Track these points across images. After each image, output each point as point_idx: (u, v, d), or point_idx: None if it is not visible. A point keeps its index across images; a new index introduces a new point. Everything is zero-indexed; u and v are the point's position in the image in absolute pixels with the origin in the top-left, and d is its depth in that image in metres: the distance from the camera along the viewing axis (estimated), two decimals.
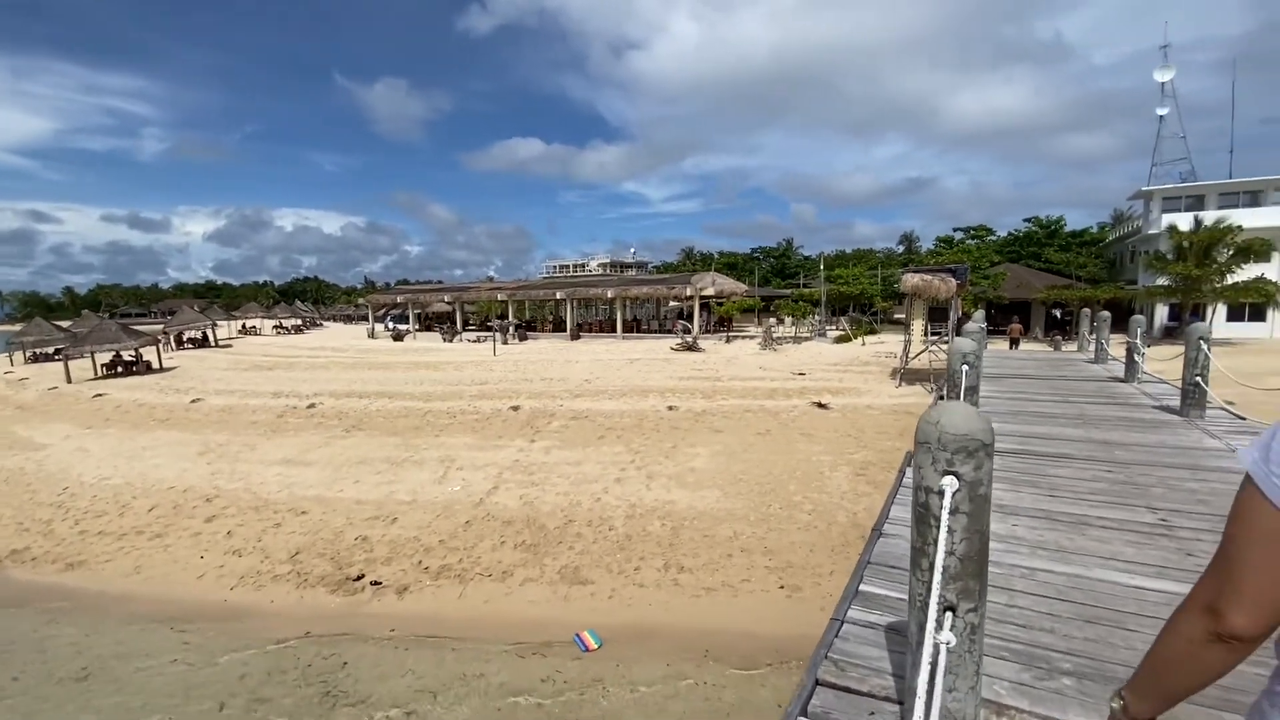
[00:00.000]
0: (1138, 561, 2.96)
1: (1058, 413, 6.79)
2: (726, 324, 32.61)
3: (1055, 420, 6.37)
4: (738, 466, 11.25)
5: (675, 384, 18.28)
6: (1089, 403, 7.39)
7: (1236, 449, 5.11)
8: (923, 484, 1.68)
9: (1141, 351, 8.61)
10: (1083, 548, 3.13)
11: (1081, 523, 3.49)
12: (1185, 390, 6.19)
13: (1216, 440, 5.34)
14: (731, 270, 63.64)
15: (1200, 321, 27.48)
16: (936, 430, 1.63)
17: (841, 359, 24.00)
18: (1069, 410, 6.90)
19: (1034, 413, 6.71)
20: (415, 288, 47.94)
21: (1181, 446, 5.21)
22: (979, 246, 44.51)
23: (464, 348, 31.09)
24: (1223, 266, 25.15)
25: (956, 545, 1.60)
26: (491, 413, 15.49)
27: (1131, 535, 3.32)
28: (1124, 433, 5.67)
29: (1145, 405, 7.02)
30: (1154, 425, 5.99)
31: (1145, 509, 3.78)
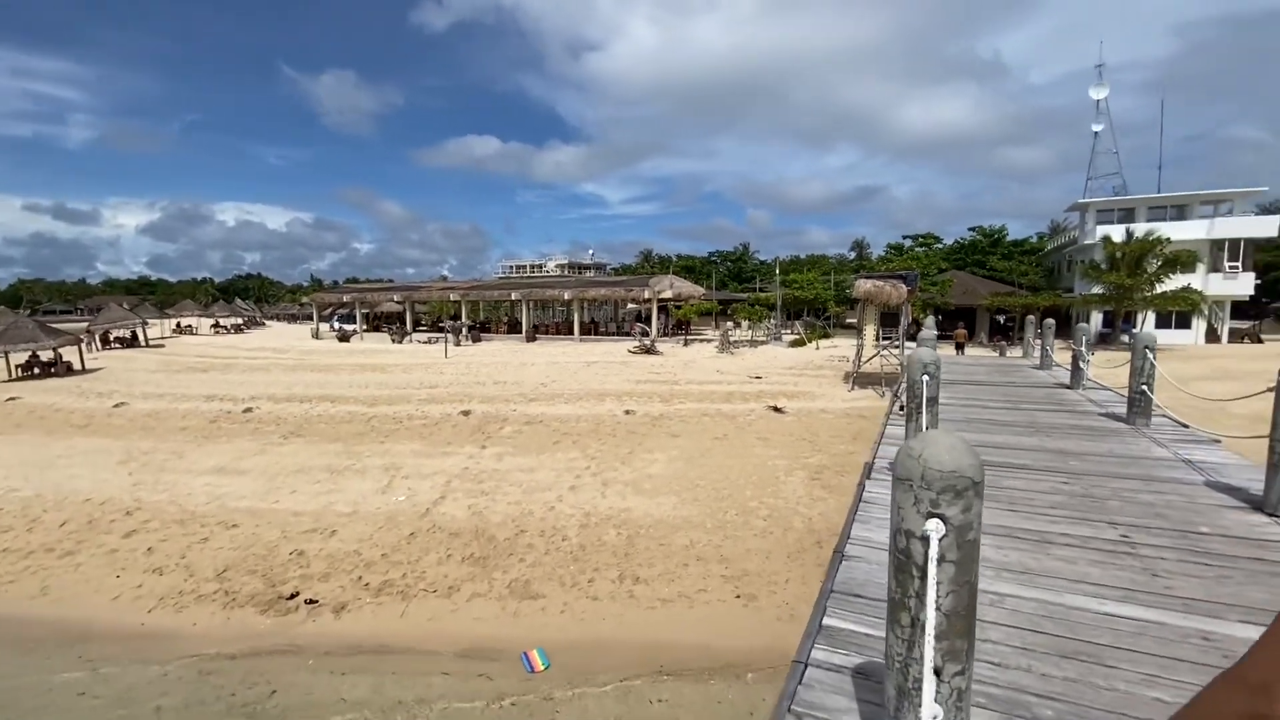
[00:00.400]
0: (1105, 584, 2.87)
1: (1010, 420, 6.84)
2: (684, 327, 32.59)
3: (1008, 428, 6.41)
4: (695, 472, 11.09)
5: (633, 387, 18.05)
6: (1039, 410, 7.50)
7: (1190, 460, 5.18)
8: (903, 526, 1.47)
9: (1087, 359, 8.83)
10: (1049, 569, 3.03)
11: (1045, 540, 3.41)
12: (1132, 398, 6.31)
13: (1165, 449, 5.42)
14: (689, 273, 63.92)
15: (1133, 328, 28.96)
16: (919, 465, 1.42)
17: (796, 363, 24.24)
18: (1020, 418, 6.97)
19: (987, 420, 6.74)
20: (363, 286, 46.30)
21: (1132, 456, 5.26)
22: (927, 254, 45.91)
23: (414, 349, 30.12)
24: (1152, 276, 26.52)
25: (942, 599, 1.39)
26: (441, 418, 14.94)
27: (1095, 554, 3.26)
28: (1076, 441, 5.72)
29: (1092, 413, 7.16)
30: (1103, 433, 6.07)
31: (1106, 524, 3.74)
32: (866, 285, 17.13)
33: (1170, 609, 2.64)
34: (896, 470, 1.47)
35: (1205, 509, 4.02)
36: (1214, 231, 30.09)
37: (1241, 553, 3.27)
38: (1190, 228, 30.36)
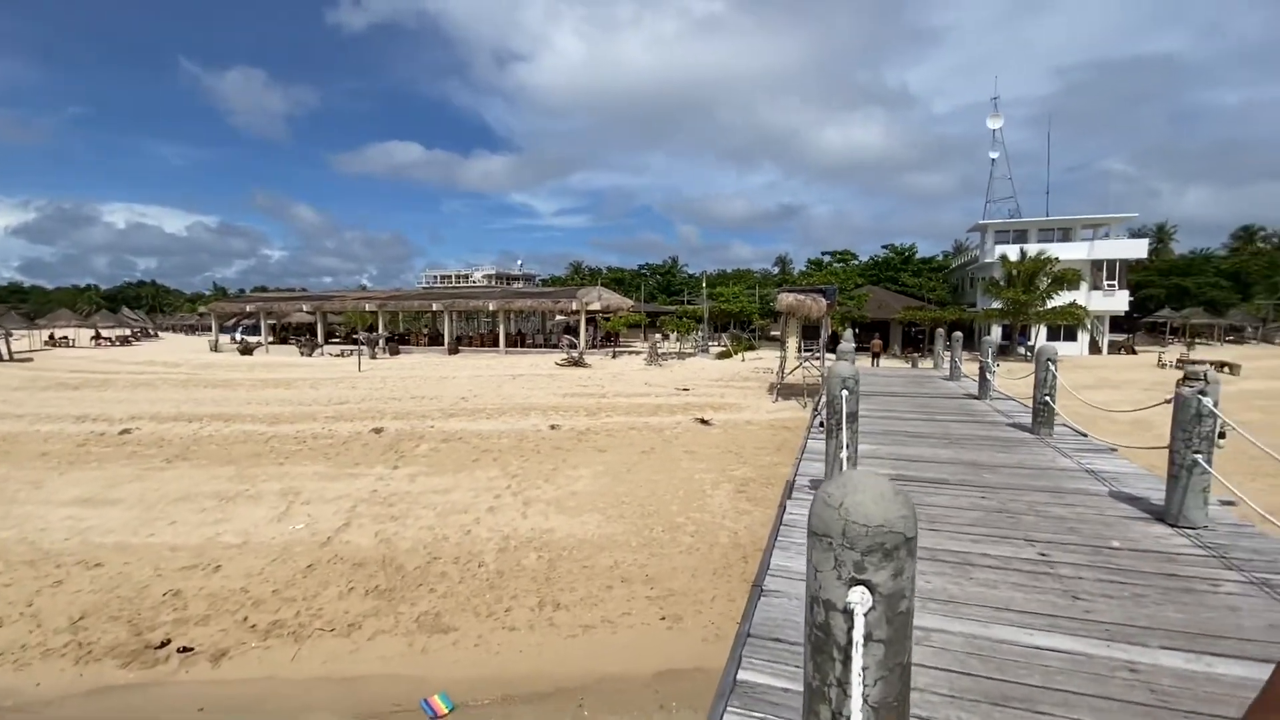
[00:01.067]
0: (1029, 611, 2.81)
1: (925, 432, 6.99)
2: (613, 339, 32.39)
3: (925, 440, 6.52)
4: (621, 488, 10.80)
5: (559, 401, 17.60)
6: (952, 421, 7.73)
7: (1093, 469, 5.36)
8: (820, 595, 1.21)
9: (994, 370, 9.23)
10: (973, 596, 2.94)
11: (967, 562, 3.36)
12: (1036, 409, 6.56)
13: (1069, 459, 5.65)
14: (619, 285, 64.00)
15: (1028, 341, 31.29)
16: (840, 519, 1.17)
17: (723, 374, 24.50)
18: (935, 429, 7.14)
19: (904, 432, 6.85)
20: (270, 295, 43.30)
21: (1040, 467, 5.45)
22: (844, 269, 47.98)
23: (324, 363, 28.33)
24: (1044, 293, 28.72)
25: (870, 689, 1.13)
26: (349, 436, 13.96)
27: (1016, 575, 3.23)
28: (988, 452, 5.86)
29: (1001, 423, 7.44)
30: (1012, 444, 6.27)
31: (1024, 541, 3.76)
32: (788, 299, 17.50)
33: (1094, 636, 2.59)
34: (812, 523, 1.22)
35: (1113, 521, 4.12)
36: (1094, 253, 33.04)
37: (1152, 568, 3.32)
38: (1074, 249, 33.20)
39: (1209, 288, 52.55)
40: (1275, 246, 63.43)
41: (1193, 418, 3.95)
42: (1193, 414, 3.95)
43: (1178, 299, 52.11)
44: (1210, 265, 57.08)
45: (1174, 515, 3.95)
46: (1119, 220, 34.79)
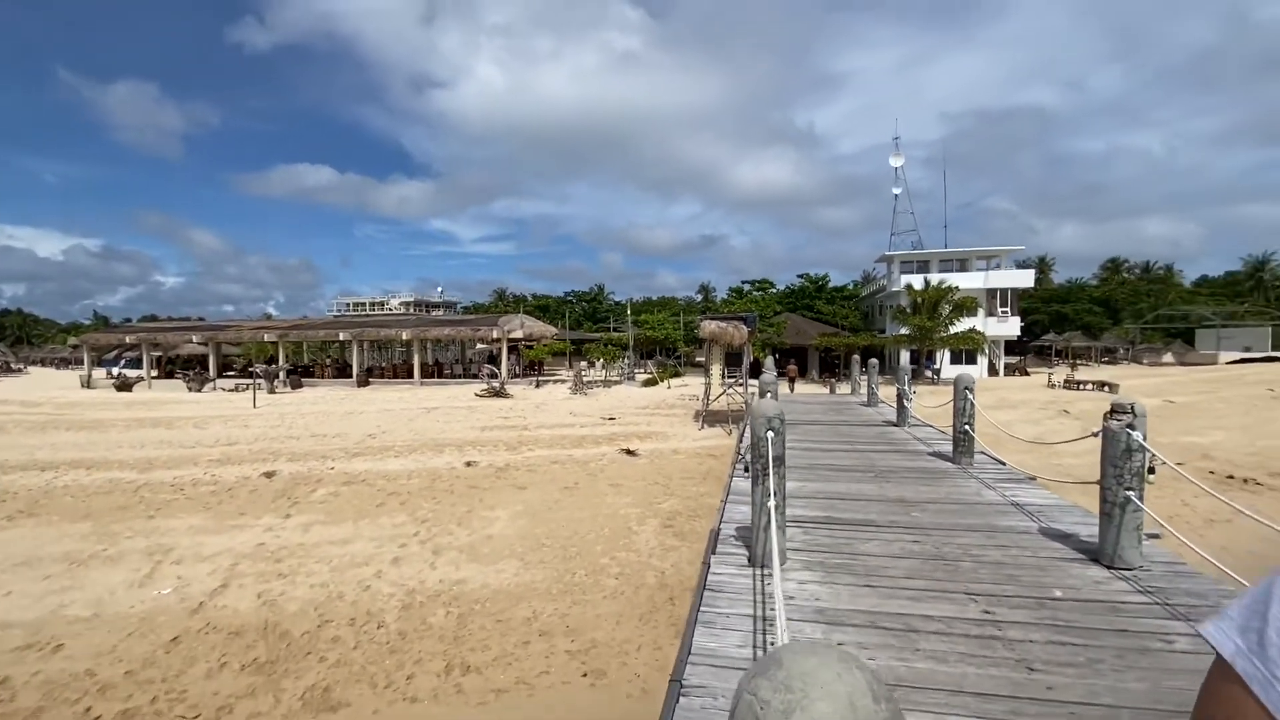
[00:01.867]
0: (987, 692, 2.54)
1: (850, 464, 6.89)
2: (537, 368, 31.54)
3: (850, 474, 6.41)
4: (541, 529, 10.15)
5: (477, 435, 16.70)
6: (874, 451, 7.70)
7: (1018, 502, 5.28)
8: None
9: (910, 398, 9.35)
10: (923, 676, 2.65)
11: (909, 629, 3.09)
12: (956, 438, 6.57)
13: (993, 491, 5.66)
14: (544, 313, 63.12)
15: (934, 365, 33.12)
16: None
17: (649, 402, 24.27)
18: (859, 461, 7.06)
19: (828, 466, 6.72)
20: (153, 326, 39.46)
21: (967, 501, 5.42)
22: (764, 297, 49.40)
23: (215, 398, 25.87)
24: (946, 319, 30.54)
25: None
26: (236, 482, 12.56)
27: (965, 643, 2.98)
28: (914, 486, 5.78)
29: (922, 452, 7.46)
30: (936, 475, 6.26)
31: (965, 596, 3.56)
32: (711, 326, 17.55)
33: None
34: None
35: (1049, 564, 4.01)
36: (989, 282, 35.66)
37: (1101, 622, 3.18)
38: (971, 278, 35.71)
39: (1084, 313, 57.96)
40: (1137, 276, 71.14)
41: (1123, 452, 3.89)
42: (1122, 449, 3.90)
43: (1059, 324, 57.14)
44: (1085, 293, 63.13)
45: (1109, 556, 3.87)
46: (1007, 252, 37.87)
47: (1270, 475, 15.20)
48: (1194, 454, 16.46)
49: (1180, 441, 17.91)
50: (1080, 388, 26.85)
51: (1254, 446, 17.73)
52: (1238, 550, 10.20)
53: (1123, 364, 48.09)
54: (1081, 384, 27.07)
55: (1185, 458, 16.18)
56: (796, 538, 4.65)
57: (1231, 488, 13.66)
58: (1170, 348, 51.67)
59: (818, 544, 4.51)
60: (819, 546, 4.45)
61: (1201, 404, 24.58)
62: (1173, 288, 65.93)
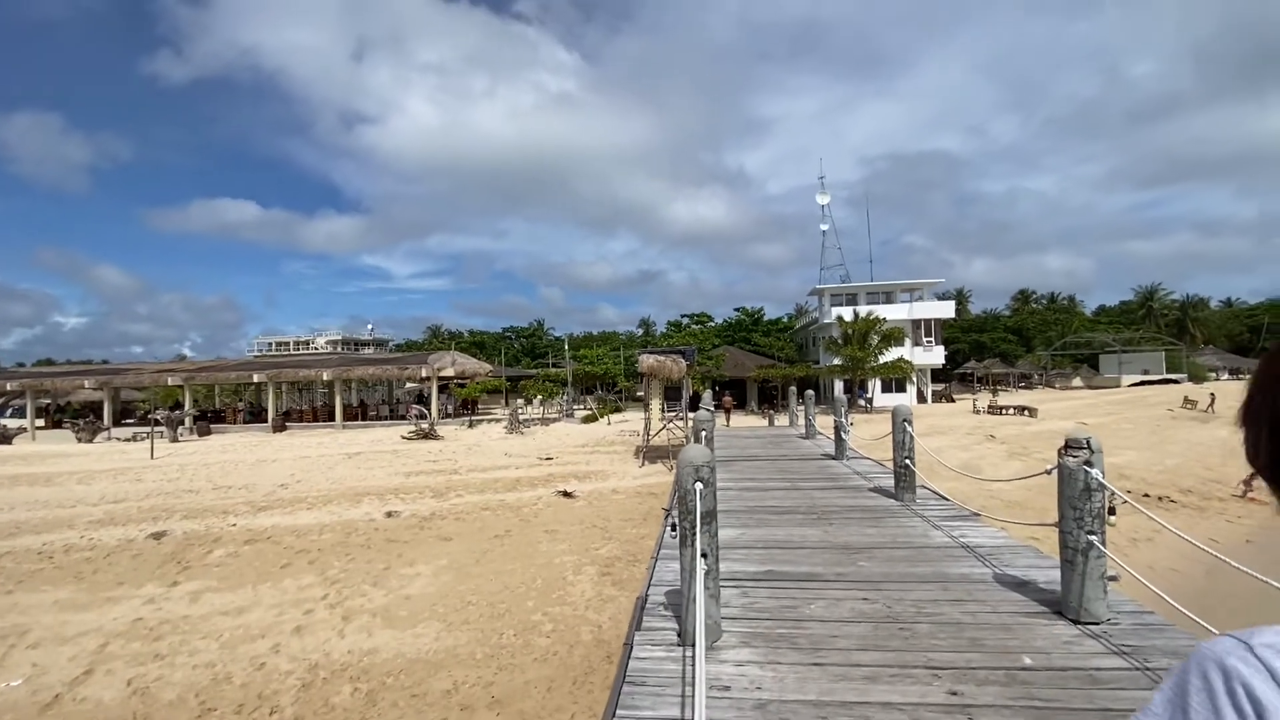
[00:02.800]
0: None
1: (790, 505, 6.56)
2: (470, 407, 30.29)
3: (791, 517, 6.10)
4: (467, 585, 9.30)
5: (401, 481, 15.59)
6: (816, 488, 7.43)
7: (967, 544, 5.02)
8: None
9: (848, 430, 9.19)
10: None
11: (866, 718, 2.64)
12: (897, 473, 6.36)
13: (940, 532, 5.46)
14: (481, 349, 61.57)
15: (866, 394, 34.03)
16: None
17: (589, 439, 23.60)
18: (800, 501, 6.75)
19: (769, 508, 6.38)
20: (39, 371, 35.68)
21: (914, 544, 5.21)
22: (702, 331, 49.93)
23: (107, 450, 23.37)
24: (875, 349, 31.51)
25: None
26: (117, 545, 11.12)
27: None
28: (858, 527, 5.49)
29: (863, 488, 7.23)
30: (879, 514, 6.03)
31: (927, 671, 3.15)
32: (650, 360, 17.25)
33: None
34: None
35: (1013, 622, 3.66)
36: (913, 313, 37.25)
37: (1081, 699, 2.84)
38: (896, 310, 37.23)
39: (1000, 341, 61.58)
40: (1045, 306, 76.45)
41: (1081, 492, 3.66)
42: (1081, 488, 3.67)
43: (978, 351, 60.39)
44: (999, 323, 67.20)
45: (1074, 609, 3.58)
46: (929, 285, 39.85)
47: (1181, 492, 16.03)
48: (1111, 474, 17.25)
49: None
50: (1003, 412, 28.06)
51: (1163, 465, 18.80)
52: (1161, 568, 10.52)
53: (1038, 388, 51.08)
54: (1004, 409, 28.31)
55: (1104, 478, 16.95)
56: (734, 601, 4.20)
57: (1149, 506, 14.30)
58: (1079, 372, 55.41)
59: (759, 608, 4.07)
60: (760, 611, 4.01)
61: (1111, 425, 26.12)
62: (1076, 316, 71.19)
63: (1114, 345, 53.54)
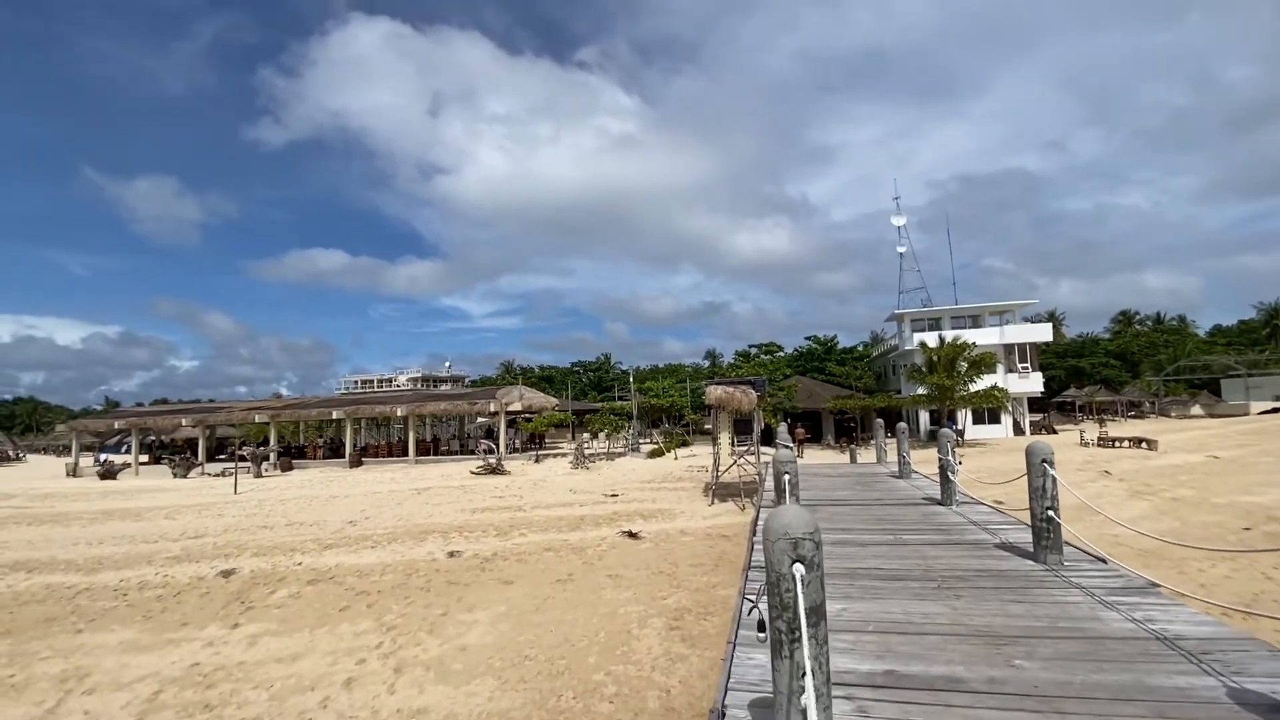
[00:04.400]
0: None
1: (899, 567, 5.43)
2: (538, 441, 30.17)
3: (903, 585, 4.95)
4: (526, 635, 8.63)
5: (466, 519, 15.26)
6: (926, 543, 6.24)
7: (1162, 631, 3.80)
8: None
9: (955, 469, 7.98)
10: None
11: None
12: (1037, 529, 5.18)
13: (1114, 612, 4.10)
14: (549, 384, 62.29)
15: (955, 425, 31.51)
16: None
17: (655, 475, 22.78)
18: (910, 561, 5.61)
19: (872, 572, 5.29)
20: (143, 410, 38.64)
21: (1086, 632, 3.87)
22: (772, 361, 48.35)
23: (198, 485, 24.57)
24: (964, 376, 29.20)
25: None
26: (188, 583, 11.18)
27: None
28: (997, 602, 4.34)
29: (987, 544, 6.02)
30: (1020, 583, 4.79)
31: None
32: (718, 391, 16.37)
33: None
34: None
35: None
36: (1005, 337, 34.51)
37: None
38: (986, 334, 34.62)
39: (1101, 367, 56.44)
40: (1150, 328, 69.89)
41: None
42: None
43: (1076, 378, 55.51)
44: (1100, 347, 61.78)
45: None
46: (1020, 307, 36.99)
47: None
48: (1258, 515, 14.82)
49: (1239, 501, 16.27)
50: (1116, 445, 25.14)
51: None
52: None
53: (1150, 418, 46.10)
54: (1117, 441, 25.36)
55: (1250, 520, 14.51)
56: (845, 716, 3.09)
57: None
58: (1197, 399, 49.75)
59: None
60: None
61: (1247, 458, 22.83)
62: (1189, 338, 64.57)
63: (1238, 368, 47.78)
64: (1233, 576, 10.14)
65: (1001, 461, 21.97)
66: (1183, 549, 10.63)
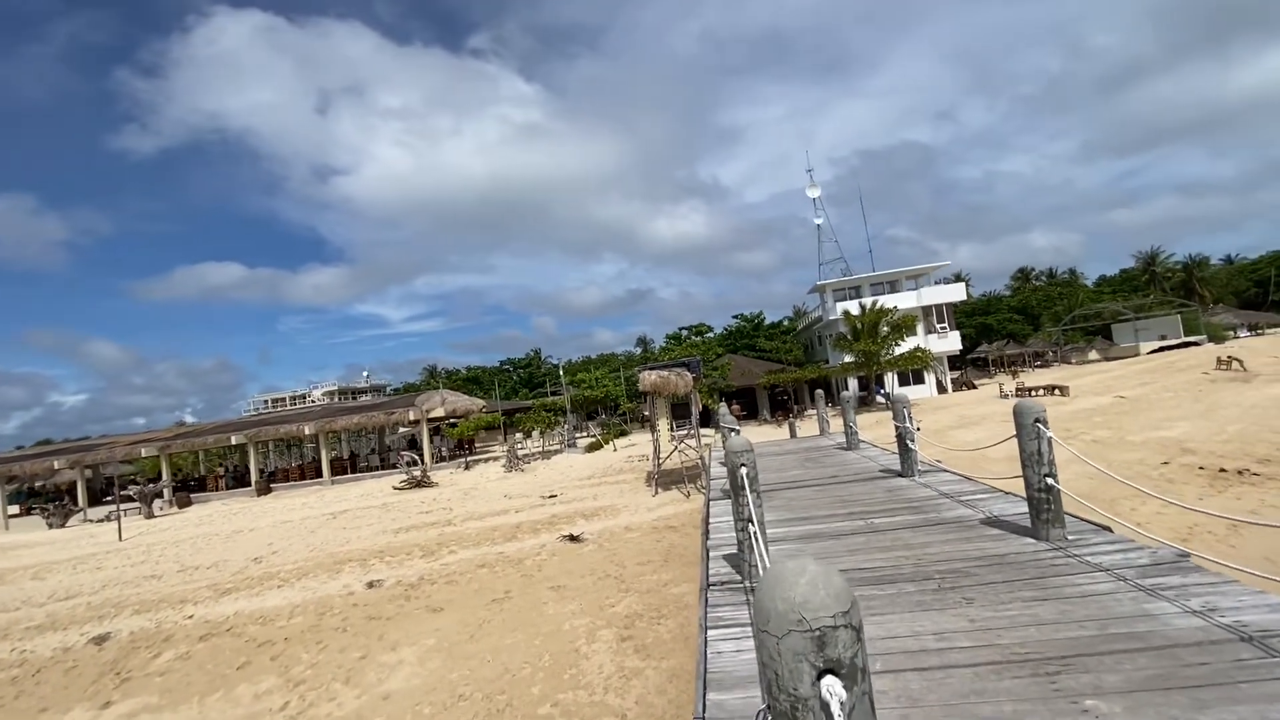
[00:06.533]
0: None
1: (885, 564, 4.59)
2: (467, 446, 28.55)
3: (899, 588, 4.08)
4: (460, 671, 7.59)
5: (388, 540, 13.88)
6: (903, 526, 5.36)
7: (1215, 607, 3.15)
8: None
9: (914, 437, 7.47)
10: None
11: None
12: (1034, 500, 4.50)
13: (1170, 604, 3.31)
14: (477, 385, 60.05)
15: (883, 389, 32.28)
16: None
17: (595, 470, 21.90)
18: (892, 553, 4.59)
19: (855, 574, 4.19)
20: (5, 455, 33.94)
21: (1144, 638, 3.06)
22: (703, 342, 48.30)
23: (76, 535, 21.61)
24: (888, 340, 29.86)
25: None
26: (50, 658, 9.42)
27: None
28: (1019, 604, 3.36)
29: (971, 521, 5.26)
30: (1031, 571, 4.04)
31: None
32: (652, 377, 15.62)
33: None
34: None
35: None
36: (923, 300, 35.65)
37: None
38: (904, 298, 35.65)
39: (1006, 322, 59.98)
40: (1046, 283, 75.02)
41: None
42: None
43: (985, 335, 58.76)
44: (1003, 304, 65.64)
45: None
46: (934, 269, 38.37)
47: (1259, 463, 14.25)
48: (1173, 449, 15.59)
49: (1153, 437, 17.13)
50: (1033, 394, 26.36)
51: (1225, 433, 17.07)
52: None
53: (1054, 366, 49.35)
54: (1033, 390, 26.60)
55: (1168, 454, 15.21)
56: None
57: (1231, 481, 12.61)
58: (1093, 344, 53.70)
59: None
60: None
61: (1150, 396, 24.43)
62: (1080, 289, 69.69)
63: (1126, 313, 51.85)
64: (1164, 512, 10.35)
65: (931, 420, 22.46)
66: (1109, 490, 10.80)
